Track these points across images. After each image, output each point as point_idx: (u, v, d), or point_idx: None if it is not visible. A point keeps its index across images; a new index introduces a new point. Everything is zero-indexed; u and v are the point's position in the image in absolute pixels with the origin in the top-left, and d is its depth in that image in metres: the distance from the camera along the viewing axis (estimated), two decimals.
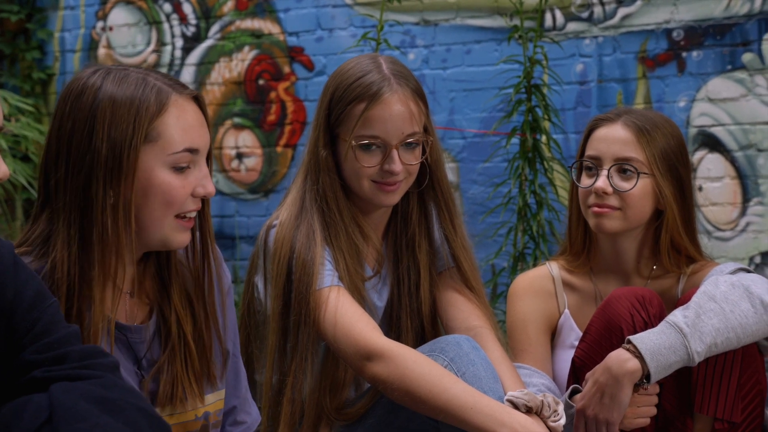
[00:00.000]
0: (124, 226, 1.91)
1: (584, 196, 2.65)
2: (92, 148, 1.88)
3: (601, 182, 2.60)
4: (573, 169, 2.70)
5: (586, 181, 2.65)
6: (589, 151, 2.66)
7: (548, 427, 2.26)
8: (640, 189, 2.60)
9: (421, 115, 2.52)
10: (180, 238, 1.98)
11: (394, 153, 2.47)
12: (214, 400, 2.12)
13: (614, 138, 2.62)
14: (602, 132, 2.65)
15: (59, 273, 1.88)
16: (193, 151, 1.95)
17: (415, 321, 2.63)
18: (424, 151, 2.55)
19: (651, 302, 2.49)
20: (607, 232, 2.62)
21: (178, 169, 1.94)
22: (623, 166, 2.61)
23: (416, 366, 2.29)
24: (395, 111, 2.46)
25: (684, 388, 2.50)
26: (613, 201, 2.60)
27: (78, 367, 1.66)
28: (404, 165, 2.49)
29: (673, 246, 2.65)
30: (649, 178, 2.60)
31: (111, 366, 1.70)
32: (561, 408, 2.31)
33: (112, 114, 1.88)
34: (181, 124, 1.93)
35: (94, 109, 1.88)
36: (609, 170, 2.61)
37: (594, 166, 2.64)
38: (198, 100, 1.98)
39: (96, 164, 1.88)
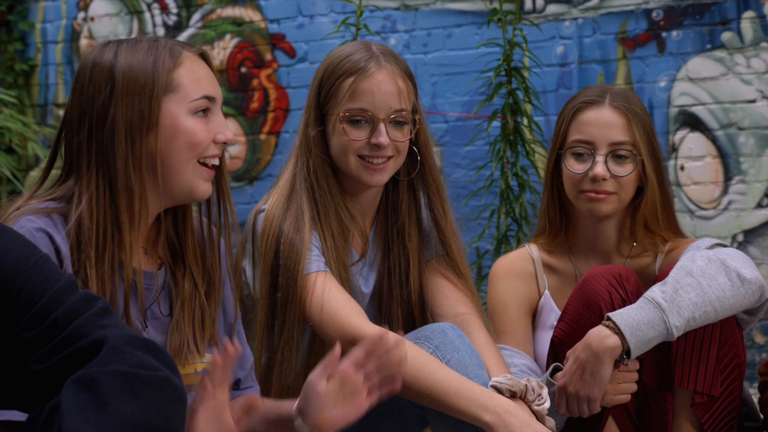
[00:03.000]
0: (149, 174, 2.05)
1: (577, 181, 2.63)
2: (113, 106, 2.04)
3: (600, 169, 2.59)
4: (563, 154, 2.67)
5: (577, 166, 2.63)
6: (577, 135, 2.64)
7: (532, 411, 2.27)
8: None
9: (409, 94, 2.54)
10: (203, 186, 2.12)
11: (382, 126, 2.48)
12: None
13: (606, 122, 2.61)
14: (591, 116, 2.63)
15: (86, 224, 2.00)
16: (210, 98, 2.10)
17: (405, 310, 2.63)
18: (411, 132, 2.57)
19: (628, 279, 2.50)
20: (602, 216, 2.63)
21: (200, 115, 2.09)
22: (618, 152, 2.61)
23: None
24: (383, 85, 2.49)
25: (664, 363, 2.52)
26: (609, 186, 2.60)
27: (67, 340, 1.64)
28: (392, 141, 2.50)
29: (653, 223, 2.66)
30: (638, 159, 2.62)
31: (101, 312, 1.69)
32: (545, 392, 2.31)
33: (131, 73, 2.05)
34: (196, 75, 2.10)
35: (113, 72, 2.05)
36: (606, 156, 2.61)
37: (587, 151, 2.64)
38: (205, 57, 2.15)
39: (118, 120, 2.03)
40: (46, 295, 1.68)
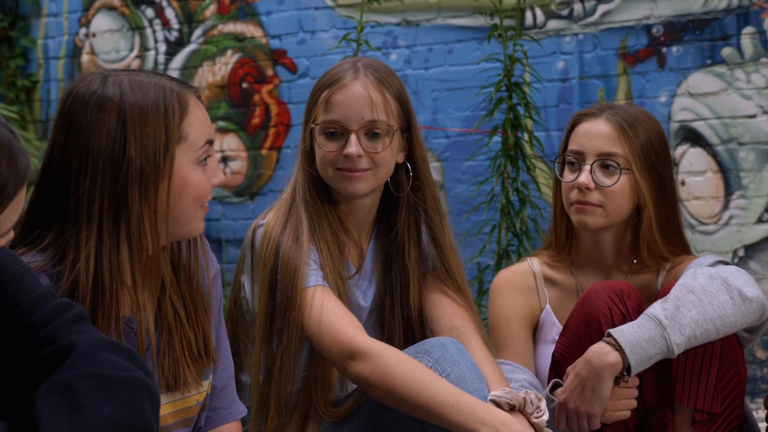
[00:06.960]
0: (161, 227, 1.98)
1: (567, 191, 2.66)
2: (126, 158, 1.92)
3: (584, 177, 2.61)
4: (556, 164, 2.71)
5: (568, 176, 2.66)
6: (572, 146, 2.67)
7: (531, 424, 2.27)
8: (620, 185, 2.61)
9: (387, 106, 2.52)
10: (202, 225, 2.08)
11: (352, 137, 2.49)
12: (208, 386, 2.16)
13: (597, 133, 2.63)
14: (585, 127, 2.66)
15: (83, 283, 1.90)
16: (211, 142, 2.05)
17: (405, 327, 2.64)
18: (409, 150, 2.58)
19: (629, 295, 2.51)
20: (589, 228, 2.64)
21: (202, 163, 2.02)
22: (606, 162, 2.62)
23: (398, 365, 2.30)
24: (355, 96, 2.49)
25: (664, 380, 2.52)
26: (594, 197, 2.61)
27: (41, 343, 1.64)
28: (367, 153, 2.49)
29: (651, 241, 2.66)
30: (629, 174, 2.62)
31: (76, 317, 1.69)
32: (543, 404, 2.31)
33: (143, 122, 1.94)
34: (199, 121, 2.03)
35: (123, 119, 1.93)
36: (592, 165, 2.62)
37: (577, 161, 2.65)
38: (200, 96, 2.08)
39: (131, 173, 1.93)
40: (23, 303, 1.69)
